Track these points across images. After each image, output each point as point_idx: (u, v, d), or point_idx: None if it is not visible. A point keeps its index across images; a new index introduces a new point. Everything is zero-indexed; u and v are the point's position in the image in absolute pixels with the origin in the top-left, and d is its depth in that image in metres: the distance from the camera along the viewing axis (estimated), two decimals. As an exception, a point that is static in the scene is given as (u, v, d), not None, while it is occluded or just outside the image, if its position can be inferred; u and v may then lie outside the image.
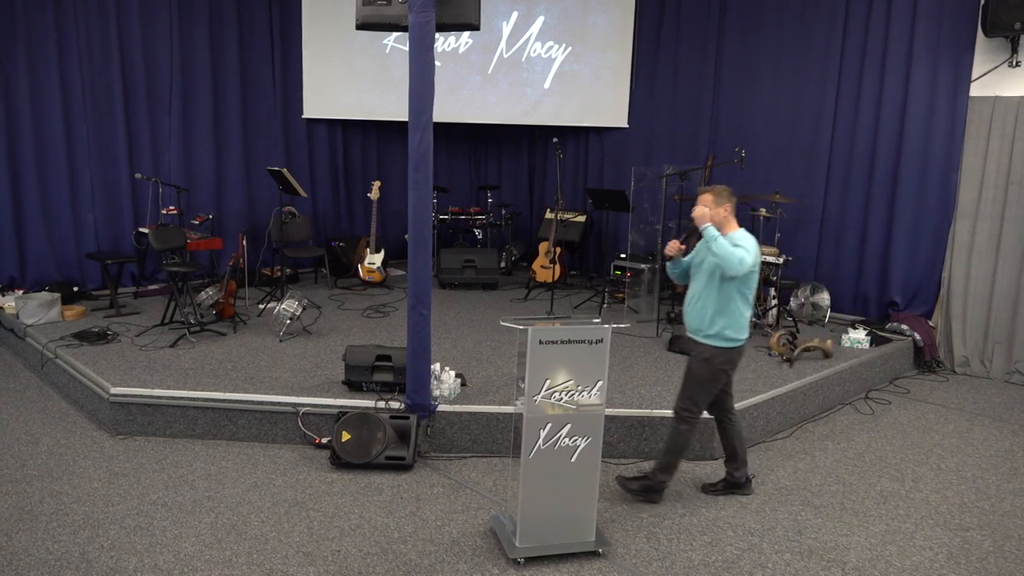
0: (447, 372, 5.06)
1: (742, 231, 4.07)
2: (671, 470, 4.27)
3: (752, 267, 3.96)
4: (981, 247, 6.75)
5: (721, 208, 4.05)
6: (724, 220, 4.06)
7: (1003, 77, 6.54)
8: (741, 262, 3.87)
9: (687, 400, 4.18)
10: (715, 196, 4.05)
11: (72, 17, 7.25)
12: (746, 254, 3.90)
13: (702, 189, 4.18)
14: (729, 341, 4.07)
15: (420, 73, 4.44)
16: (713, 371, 4.12)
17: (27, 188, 7.24)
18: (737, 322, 4.07)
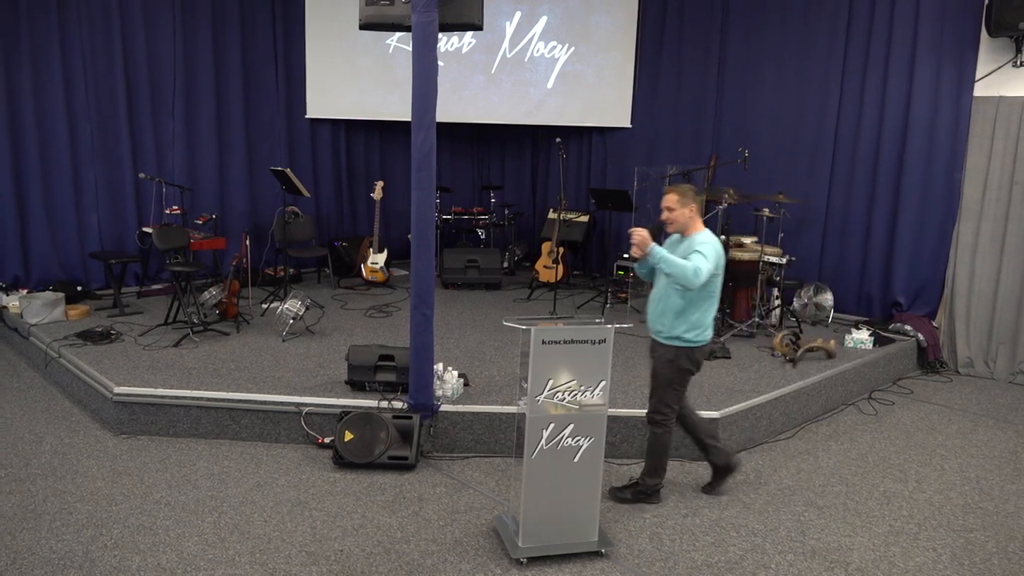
0: (450, 372, 5.06)
1: (706, 232, 4.03)
2: (659, 473, 4.26)
3: (713, 272, 3.89)
4: (985, 247, 6.73)
5: (686, 208, 4.01)
6: (689, 220, 4.03)
7: (1007, 77, 6.53)
8: (696, 274, 3.79)
9: (658, 403, 4.14)
10: (680, 196, 4.02)
11: (76, 19, 7.26)
12: (703, 261, 3.83)
13: (667, 188, 4.12)
14: (690, 342, 4.02)
15: (423, 73, 4.44)
16: (678, 371, 4.07)
17: (31, 188, 7.26)
18: (700, 323, 4.02)
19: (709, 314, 4.05)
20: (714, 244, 3.96)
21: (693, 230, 4.04)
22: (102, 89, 7.50)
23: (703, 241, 3.95)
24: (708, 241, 3.96)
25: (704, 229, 4.06)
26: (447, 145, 10.02)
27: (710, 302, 4.03)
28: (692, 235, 4.02)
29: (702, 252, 3.88)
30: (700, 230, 4.05)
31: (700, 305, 3.99)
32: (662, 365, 4.09)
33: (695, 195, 4.07)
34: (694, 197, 4.05)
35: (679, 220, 4.03)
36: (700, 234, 4.02)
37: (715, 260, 3.91)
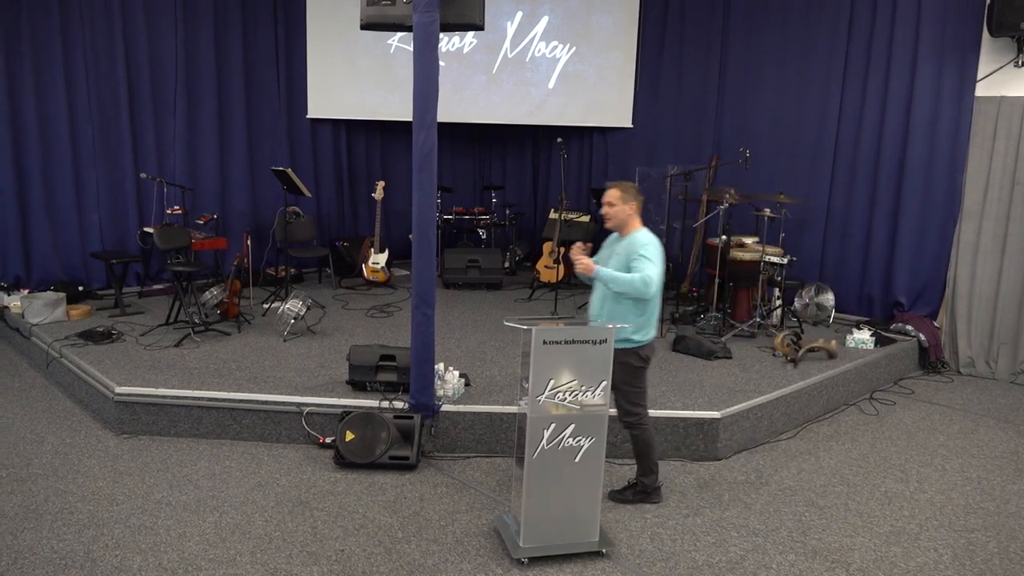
0: (451, 372, 5.06)
1: (644, 231, 4.00)
2: (653, 470, 4.25)
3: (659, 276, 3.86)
4: (986, 247, 6.73)
5: (627, 206, 3.98)
6: (628, 218, 4.00)
7: (1009, 77, 6.52)
8: (647, 283, 3.78)
9: (627, 406, 4.13)
10: (622, 192, 3.99)
11: (78, 19, 7.27)
12: (651, 267, 3.81)
13: (609, 184, 4.06)
14: (636, 343, 4.00)
15: (424, 73, 4.44)
16: (633, 370, 4.05)
17: (32, 188, 7.27)
18: (644, 324, 3.99)
19: (655, 314, 4.03)
20: (655, 243, 3.93)
21: (631, 228, 4.01)
22: (103, 89, 7.51)
23: (645, 242, 3.91)
24: (649, 242, 3.92)
25: (642, 228, 4.02)
26: (448, 145, 10.02)
27: (654, 302, 3.99)
28: (631, 234, 3.99)
29: (647, 256, 3.84)
30: (638, 229, 4.01)
31: (644, 306, 3.96)
32: (616, 369, 4.00)
33: (637, 194, 4.03)
34: (636, 196, 4.02)
35: (618, 217, 4.00)
36: (639, 233, 3.97)
37: (660, 261, 3.89)
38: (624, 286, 3.81)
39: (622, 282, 3.82)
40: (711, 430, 4.86)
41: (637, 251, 3.88)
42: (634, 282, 3.79)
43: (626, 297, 3.90)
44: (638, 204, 4.02)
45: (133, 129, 7.71)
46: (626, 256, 3.92)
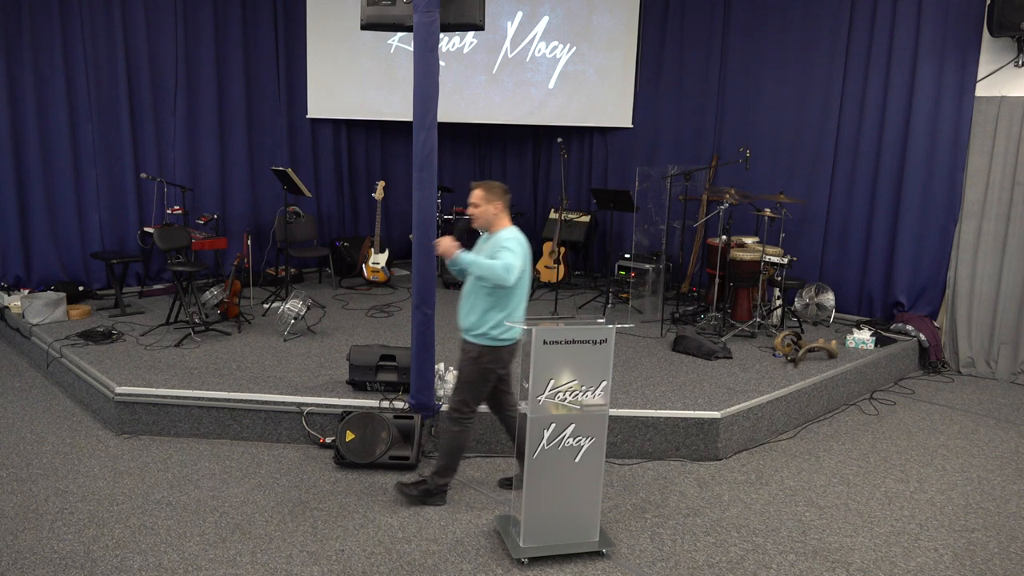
0: (451, 372, 5.06)
1: (511, 229, 4.00)
2: (450, 472, 4.20)
3: (522, 270, 3.87)
4: (987, 247, 6.73)
5: (491, 205, 3.99)
6: (494, 217, 4.01)
7: (1009, 77, 6.52)
8: (507, 270, 3.77)
9: (458, 401, 4.08)
10: (486, 192, 3.99)
11: (78, 18, 7.27)
12: (512, 258, 3.81)
13: (474, 184, 4.07)
14: (497, 340, 3.96)
15: (425, 73, 4.45)
16: (481, 370, 4.01)
17: (33, 188, 7.27)
18: (502, 323, 3.96)
19: (517, 313, 4.00)
20: (519, 240, 3.94)
21: (498, 227, 4.02)
22: (104, 89, 7.51)
23: (508, 238, 3.92)
24: (513, 237, 3.93)
25: (509, 226, 4.03)
26: (448, 145, 10.03)
27: (516, 299, 3.98)
28: (497, 232, 3.99)
29: (509, 248, 3.86)
30: (505, 227, 4.02)
31: (508, 302, 3.94)
32: (466, 363, 4.03)
33: (503, 193, 4.04)
34: (501, 195, 4.02)
35: (483, 216, 4.00)
36: (505, 231, 3.98)
37: (522, 256, 3.89)
38: (484, 270, 3.80)
39: (482, 266, 3.81)
40: (711, 430, 4.86)
41: (500, 244, 3.91)
42: (495, 267, 3.79)
43: (484, 284, 3.89)
44: (504, 203, 4.03)
45: (133, 129, 7.71)
46: (490, 253, 3.93)
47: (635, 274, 7.74)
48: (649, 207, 8.16)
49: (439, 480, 4.19)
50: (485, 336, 3.95)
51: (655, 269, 7.63)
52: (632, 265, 7.77)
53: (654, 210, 8.12)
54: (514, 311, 3.97)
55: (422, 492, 4.20)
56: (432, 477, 4.20)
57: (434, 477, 4.19)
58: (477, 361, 3.99)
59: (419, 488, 4.21)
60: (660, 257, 7.50)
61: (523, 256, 3.90)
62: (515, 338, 4.04)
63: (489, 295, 3.92)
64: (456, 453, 4.16)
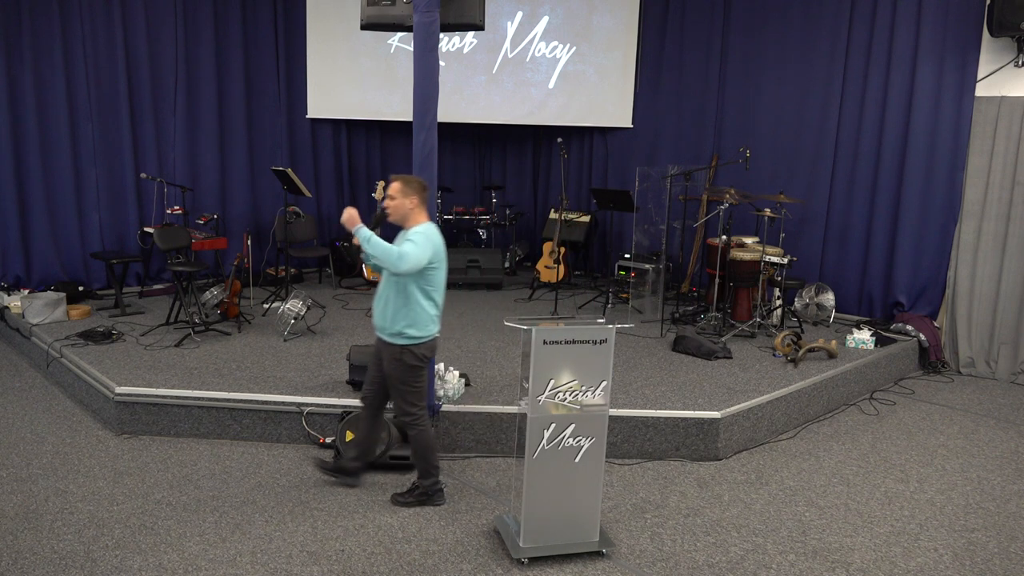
0: (451, 372, 5.06)
1: (426, 224, 3.98)
2: (433, 472, 4.18)
3: (425, 263, 3.84)
4: (987, 247, 6.73)
5: (407, 199, 3.96)
6: (411, 212, 3.98)
7: (1009, 77, 6.52)
8: (401, 258, 3.76)
9: (403, 405, 4.07)
10: (403, 185, 3.97)
11: (77, 17, 7.27)
12: (412, 248, 3.80)
13: (393, 177, 4.06)
14: (412, 339, 3.96)
15: (425, 73, 4.45)
16: (408, 368, 4.00)
17: (33, 188, 7.27)
18: (420, 319, 3.95)
19: (433, 310, 4.00)
20: (430, 235, 3.91)
21: (414, 222, 3.99)
22: (103, 89, 7.51)
23: (417, 231, 3.91)
24: (424, 232, 3.91)
25: (426, 222, 4.00)
26: (448, 145, 10.02)
27: (431, 297, 3.97)
28: (410, 228, 3.97)
29: (413, 240, 3.84)
30: (422, 222, 3.99)
31: (420, 300, 3.94)
32: (392, 365, 4.01)
33: (422, 188, 4.02)
34: (419, 191, 4.00)
35: (399, 210, 3.98)
36: (417, 227, 3.96)
37: (428, 250, 3.86)
38: (379, 250, 3.80)
39: (378, 246, 3.81)
40: (711, 430, 4.86)
41: (407, 236, 3.91)
42: (390, 251, 3.78)
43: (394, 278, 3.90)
44: (421, 199, 4.00)
45: (133, 129, 7.72)
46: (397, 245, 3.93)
47: (635, 274, 7.74)
48: (649, 207, 8.16)
49: (427, 482, 4.19)
50: (400, 335, 3.95)
51: (655, 269, 7.62)
52: (632, 265, 7.77)
53: (654, 210, 8.12)
54: (428, 310, 3.97)
55: (419, 496, 4.21)
56: (420, 482, 4.21)
57: (421, 481, 4.20)
58: (402, 360, 3.98)
59: (415, 495, 4.21)
60: (660, 257, 7.50)
61: (430, 251, 3.87)
62: (432, 334, 4.04)
63: (399, 293, 3.92)
64: (429, 453, 4.15)
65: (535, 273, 8.60)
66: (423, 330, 3.97)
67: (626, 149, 9.01)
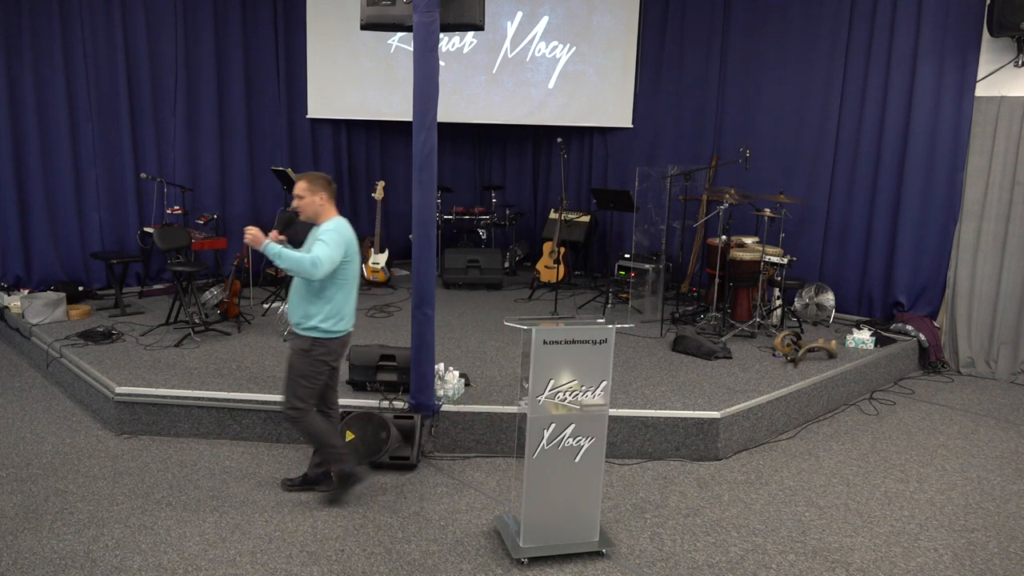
0: (451, 372, 5.06)
1: (336, 219, 3.99)
2: (338, 456, 4.15)
3: (339, 262, 3.86)
4: (986, 247, 6.73)
5: (316, 196, 3.97)
6: (321, 208, 3.99)
7: (1009, 77, 6.52)
8: (315, 264, 3.78)
9: (291, 397, 4.05)
10: (309, 183, 3.97)
11: (77, 17, 7.27)
12: (323, 250, 3.81)
13: (297, 176, 4.04)
14: (326, 332, 3.97)
15: (424, 73, 4.45)
16: (312, 363, 4.00)
17: (32, 188, 7.27)
18: (334, 313, 3.97)
19: (347, 303, 4.00)
20: (339, 231, 3.92)
21: (325, 218, 4.00)
22: (103, 89, 7.51)
23: (326, 229, 3.92)
24: (333, 228, 3.92)
25: (335, 216, 4.02)
26: (448, 145, 10.03)
27: (345, 290, 3.98)
28: (322, 223, 3.99)
29: (323, 240, 3.86)
30: (332, 218, 4.01)
31: (334, 294, 3.95)
32: (296, 356, 4.01)
33: (328, 184, 4.03)
34: (325, 186, 4.01)
35: (309, 208, 3.99)
36: (328, 222, 3.98)
37: (340, 246, 3.88)
38: (292, 263, 3.81)
39: (290, 259, 3.82)
40: (711, 430, 4.86)
41: (317, 236, 3.91)
42: (302, 261, 3.80)
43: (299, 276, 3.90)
44: (328, 194, 4.02)
45: (133, 129, 7.72)
46: (309, 245, 3.93)
47: (635, 274, 7.74)
48: (649, 207, 8.16)
49: (340, 464, 4.16)
50: (315, 329, 3.96)
51: (655, 269, 7.63)
52: (632, 265, 7.77)
53: (654, 210, 8.12)
54: (341, 304, 3.99)
55: (341, 479, 4.18)
56: (335, 468, 4.18)
57: (335, 467, 4.18)
58: (308, 354, 3.99)
59: (336, 482, 4.19)
60: (660, 257, 7.50)
61: (341, 247, 3.89)
62: (345, 330, 4.05)
63: (312, 287, 3.93)
64: (324, 435, 4.13)
65: (535, 273, 8.61)
66: (338, 324, 4.00)
67: (626, 149, 9.01)
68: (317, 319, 3.95)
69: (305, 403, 4.06)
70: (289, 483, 4.36)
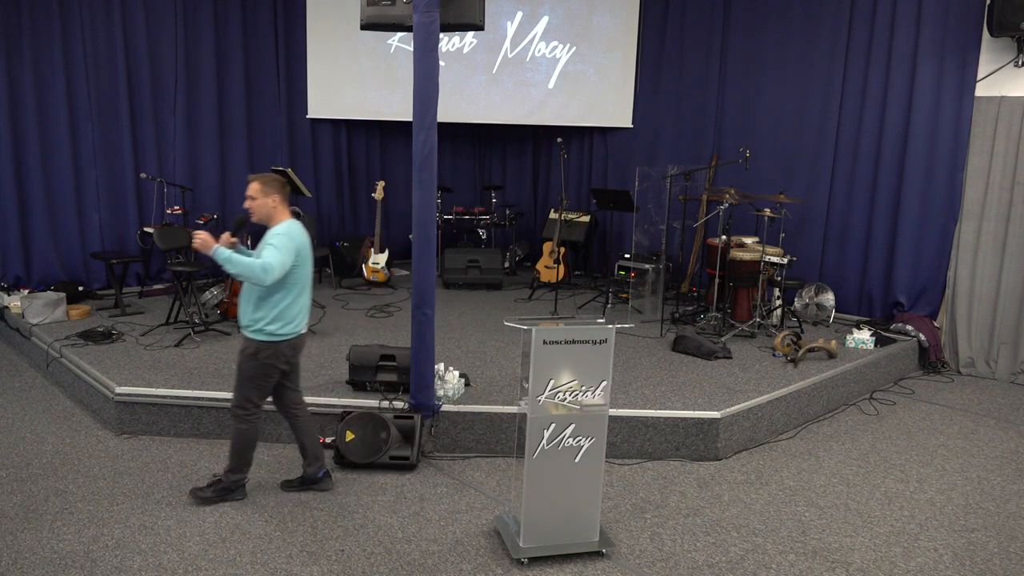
0: (451, 372, 5.06)
1: (288, 223, 3.98)
2: (243, 468, 4.19)
3: (290, 266, 3.87)
4: (986, 247, 6.73)
5: (269, 198, 3.96)
6: (274, 210, 3.98)
7: (1009, 77, 6.52)
8: (265, 270, 3.78)
9: (240, 398, 4.06)
10: (262, 185, 3.95)
11: (77, 17, 7.27)
12: (273, 255, 3.81)
13: (252, 176, 4.01)
14: (273, 336, 3.96)
15: (424, 73, 4.45)
16: (260, 366, 4.00)
17: (32, 188, 7.27)
18: (284, 316, 3.96)
19: (296, 306, 4.00)
20: (290, 234, 3.91)
21: (277, 220, 3.99)
22: (103, 89, 7.51)
23: (277, 233, 3.91)
24: (283, 232, 3.91)
25: (288, 220, 4.01)
26: (448, 145, 10.03)
27: (294, 293, 3.98)
28: (274, 226, 3.98)
29: (273, 244, 3.86)
30: (283, 220, 4.00)
31: (281, 299, 3.94)
32: (244, 360, 4.01)
33: (282, 186, 4.02)
34: (279, 188, 4.00)
35: (261, 210, 3.97)
36: (279, 225, 3.97)
37: (291, 251, 3.87)
38: (241, 268, 3.81)
39: (239, 264, 3.81)
40: (711, 430, 4.86)
41: (267, 240, 3.91)
42: (252, 267, 3.79)
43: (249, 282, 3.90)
44: (282, 196, 4.01)
45: (133, 129, 7.72)
46: (260, 249, 3.93)
47: (635, 274, 7.74)
48: (649, 207, 8.16)
49: (234, 477, 4.18)
50: (261, 332, 3.96)
51: (655, 269, 7.63)
52: (632, 265, 7.77)
53: (654, 210, 8.12)
54: (289, 307, 3.97)
55: (220, 491, 4.18)
56: (227, 475, 4.18)
57: (228, 475, 4.18)
58: (255, 357, 3.99)
59: (215, 488, 4.18)
60: (660, 257, 7.50)
61: (292, 252, 3.88)
62: (295, 332, 4.05)
63: (259, 291, 3.92)
64: (247, 450, 4.15)
65: (535, 273, 8.61)
66: (286, 327, 3.98)
67: (626, 149, 9.01)
68: (263, 323, 3.94)
69: (253, 403, 4.07)
70: (288, 484, 4.36)
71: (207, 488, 4.19)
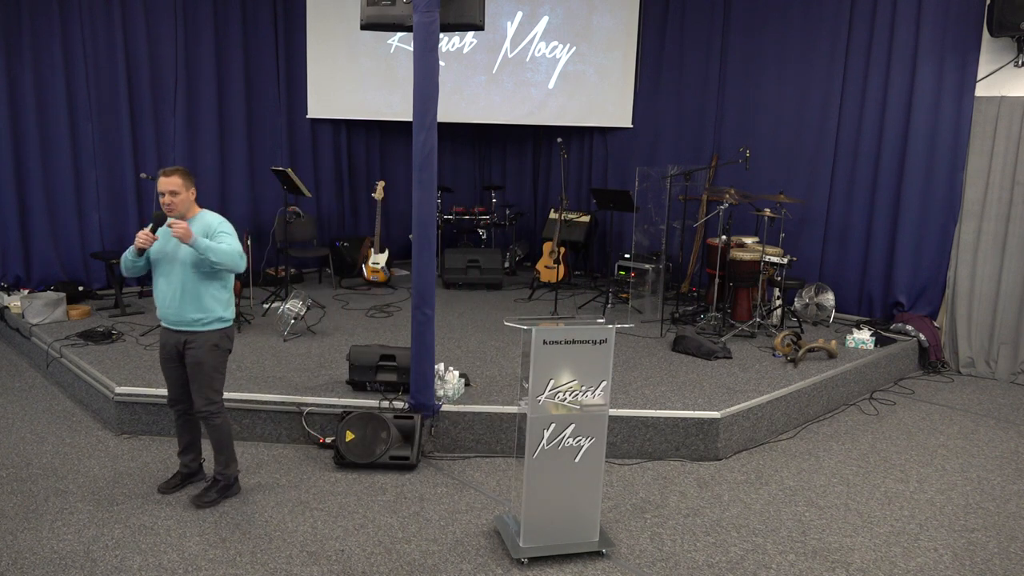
0: (451, 372, 5.06)
1: (209, 212, 4.06)
2: (234, 460, 4.23)
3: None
4: (986, 247, 6.73)
5: (189, 192, 3.98)
6: (191, 203, 4.02)
7: (1009, 77, 6.52)
8: (241, 257, 3.93)
9: (210, 394, 4.06)
10: (184, 178, 3.95)
11: (77, 17, 7.27)
12: (234, 241, 3.96)
13: (167, 171, 3.96)
14: (225, 321, 4.07)
15: (424, 73, 4.45)
16: (221, 353, 4.08)
17: (32, 188, 7.27)
18: (227, 301, 4.08)
19: (229, 287, 4.11)
20: (228, 222, 4.06)
21: (193, 212, 4.03)
22: (103, 89, 7.51)
23: (221, 220, 4.04)
24: (221, 219, 4.05)
25: (205, 210, 4.09)
26: (448, 145, 10.03)
27: (225, 280, 4.07)
28: (197, 217, 4.01)
29: (227, 231, 3.99)
30: (201, 211, 4.06)
31: (223, 281, 4.04)
32: (208, 353, 4.01)
33: (194, 179, 4.07)
34: (193, 181, 4.05)
35: (183, 204, 3.96)
36: (207, 215, 4.04)
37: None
38: (223, 256, 3.87)
39: (219, 252, 3.87)
40: (711, 430, 4.86)
41: (216, 229, 3.98)
42: (232, 254, 3.90)
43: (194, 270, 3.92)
44: (195, 189, 4.06)
45: (133, 129, 7.72)
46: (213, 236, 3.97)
47: (635, 274, 7.74)
48: (649, 207, 8.16)
49: (229, 471, 4.21)
50: (219, 320, 4.04)
51: (655, 269, 7.63)
52: (632, 265, 7.77)
53: (654, 210, 8.12)
54: (228, 288, 4.09)
55: (221, 490, 4.20)
56: (222, 473, 4.21)
57: (224, 472, 4.20)
58: (218, 347, 4.06)
59: (216, 489, 4.19)
60: (660, 257, 7.50)
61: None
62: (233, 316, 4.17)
63: (204, 280, 3.97)
64: (230, 440, 4.20)
65: (535, 273, 8.61)
66: (228, 310, 4.10)
67: (626, 149, 9.01)
68: (220, 309, 4.03)
69: (221, 395, 4.14)
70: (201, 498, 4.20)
71: (209, 491, 4.20)
